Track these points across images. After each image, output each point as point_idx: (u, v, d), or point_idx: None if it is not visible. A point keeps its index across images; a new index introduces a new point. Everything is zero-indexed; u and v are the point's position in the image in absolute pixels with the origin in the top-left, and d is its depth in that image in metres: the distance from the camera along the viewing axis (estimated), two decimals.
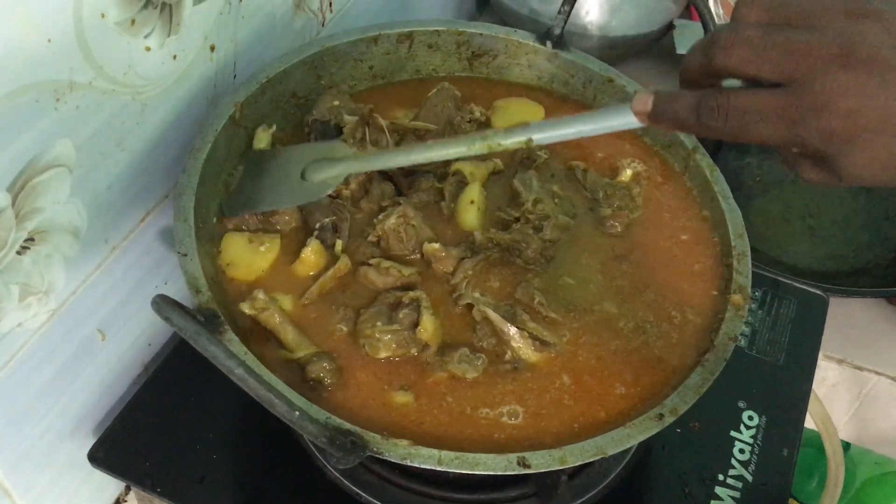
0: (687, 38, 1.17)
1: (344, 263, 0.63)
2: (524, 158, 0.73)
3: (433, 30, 0.78)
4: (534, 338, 0.61)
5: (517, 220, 0.67)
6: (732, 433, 0.73)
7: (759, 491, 0.69)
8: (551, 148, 0.75)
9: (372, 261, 0.63)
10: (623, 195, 0.71)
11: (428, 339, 0.59)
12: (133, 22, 0.58)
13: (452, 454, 0.51)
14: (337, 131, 0.70)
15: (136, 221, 0.68)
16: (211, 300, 0.55)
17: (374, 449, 0.50)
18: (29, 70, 0.51)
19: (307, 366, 0.57)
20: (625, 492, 0.69)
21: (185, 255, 0.57)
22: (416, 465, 0.51)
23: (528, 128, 0.54)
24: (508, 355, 0.60)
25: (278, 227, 0.65)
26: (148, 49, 0.60)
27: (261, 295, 0.59)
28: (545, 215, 0.67)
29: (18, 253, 0.56)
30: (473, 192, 0.68)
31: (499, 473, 0.52)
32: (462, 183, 0.69)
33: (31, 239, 0.56)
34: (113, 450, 0.68)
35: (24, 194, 0.54)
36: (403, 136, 0.72)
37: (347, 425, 0.51)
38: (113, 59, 0.57)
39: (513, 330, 0.60)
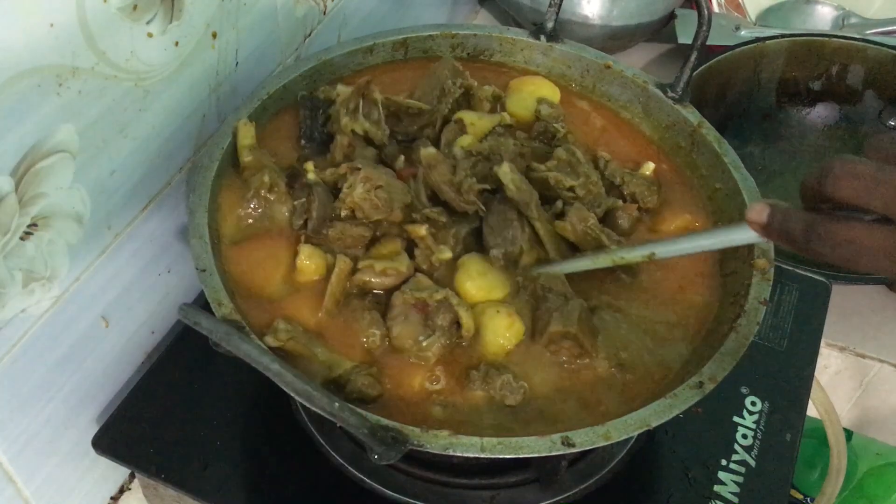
0: (688, 27, 1.16)
1: (344, 263, 0.60)
2: (543, 131, 0.72)
3: (427, 35, 0.78)
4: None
5: (571, 189, 0.66)
6: (735, 418, 0.73)
7: (762, 475, 0.70)
8: (571, 128, 0.73)
9: (361, 265, 0.61)
10: (640, 183, 0.70)
11: (472, 333, 0.59)
12: (135, 7, 0.58)
13: (495, 440, 0.51)
14: (326, 105, 0.70)
15: (140, 209, 0.68)
16: (234, 311, 0.54)
17: (415, 442, 0.50)
18: (31, 55, 0.51)
19: (346, 385, 0.55)
20: (627, 477, 0.69)
21: (204, 270, 0.57)
22: (459, 455, 0.50)
23: (651, 244, 0.59)
24: None
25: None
26: (150, 35, 0.60)
27: (282, 325, 0.56)
28: (599, 198, 0.67)
29: (22, 239, 0.56)
30: (465, 141, 0.67)
31: (543, 455, 0.51)
32: (461, 131, 0.68)
33: (34, 225, 0.56)
34: (117, 437, 0.68)
35: (27, 179, 0.54)
36: (395, 113, 0.71)
37: (385, 421, 0.50)
38: (115, 44, 0.57)
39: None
